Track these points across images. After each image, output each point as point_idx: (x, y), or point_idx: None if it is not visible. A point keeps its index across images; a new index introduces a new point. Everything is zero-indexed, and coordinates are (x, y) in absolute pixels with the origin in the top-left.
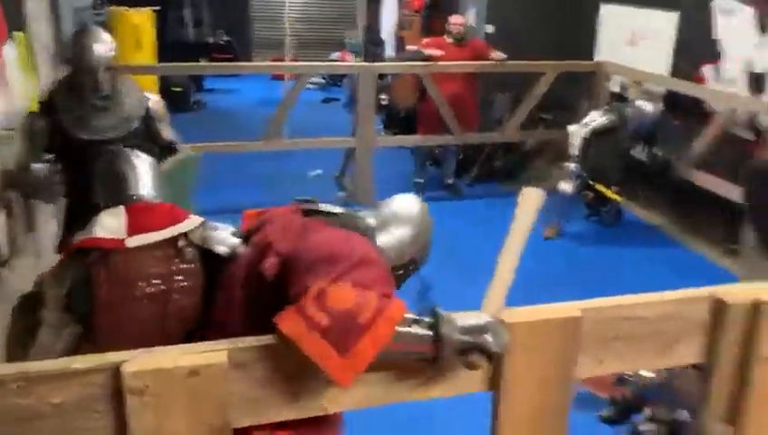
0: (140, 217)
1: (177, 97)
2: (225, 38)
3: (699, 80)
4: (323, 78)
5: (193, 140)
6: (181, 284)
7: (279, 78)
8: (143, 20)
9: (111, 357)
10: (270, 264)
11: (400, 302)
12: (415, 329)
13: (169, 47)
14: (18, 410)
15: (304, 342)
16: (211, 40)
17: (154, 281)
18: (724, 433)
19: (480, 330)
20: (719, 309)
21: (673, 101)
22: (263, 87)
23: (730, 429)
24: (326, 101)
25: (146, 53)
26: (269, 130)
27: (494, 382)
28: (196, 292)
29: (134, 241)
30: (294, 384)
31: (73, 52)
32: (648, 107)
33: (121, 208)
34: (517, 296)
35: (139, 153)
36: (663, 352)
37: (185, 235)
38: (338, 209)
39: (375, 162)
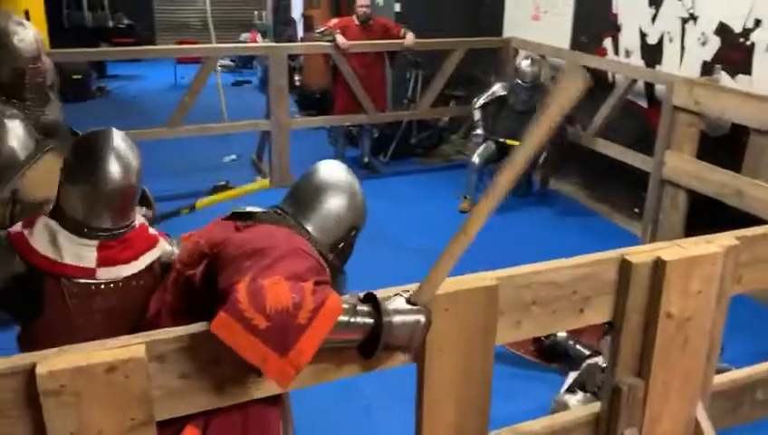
0: (113, 249)
1: (78, 85)
2: (126, 21)
3: (600, 52)
4: (233, 60)
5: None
6: (140, 299)
7: (184, 62)
8: (35, 3)
9: (22, 359)
10: (197, 271)
11: (336, 296)
12: (353, 319)
13: (66, 32)
14: None
15: (243, 347)
16: (111, 24)
17: (113, 296)
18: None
19: (414, 316)
20: (625, 269)
21: None
22: (169, 72)
23: (640, 381)
24: (237, 83)
25: None
26: (179, 115)
27: (418, 355)
28: (147, 305)
29: (106, 273)
30: (217, 373)
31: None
32: (529, 67)
33: (95, 245)
34: None
35: (130, 141)
36: (577, 314)
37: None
38: (260, 209)
39: (291, 144)
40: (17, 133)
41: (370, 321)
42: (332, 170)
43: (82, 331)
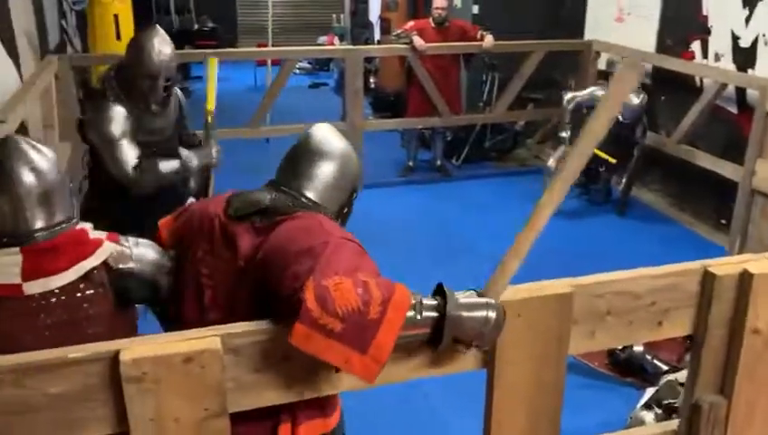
0: (40, 258)
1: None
2: (210, 24)
3: (688, 55)
4: (310, 63)
5: None
6: (89, 311)
7: (264, 64)
8: (124, 8)
9: (108, 346)
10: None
11: (402, 287)
12: (420, 314)
13: None
14: (14, 402)
15: (324, 352)
16: (196, 27)
17: (58, 311)
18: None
19: (483, 311)
20: (708, 281)
21: (661, 78)
22: (249, 73)
23: (722, 400)
24: (313, 86)
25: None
26: (259, 115)
27: (488, 361)
28: (105, 317)
29: (33, 287)
30: (289, 368)
31: (135, 53)
32: (634, 99)
33: (17, 254)
34: None
35: (37, 145)
36: (654, 326)
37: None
38: (265, 195)
39: (365, 146)
40: (120, 117)
41: (436, 314)
42: (325, 137)
43: (33, 348)
